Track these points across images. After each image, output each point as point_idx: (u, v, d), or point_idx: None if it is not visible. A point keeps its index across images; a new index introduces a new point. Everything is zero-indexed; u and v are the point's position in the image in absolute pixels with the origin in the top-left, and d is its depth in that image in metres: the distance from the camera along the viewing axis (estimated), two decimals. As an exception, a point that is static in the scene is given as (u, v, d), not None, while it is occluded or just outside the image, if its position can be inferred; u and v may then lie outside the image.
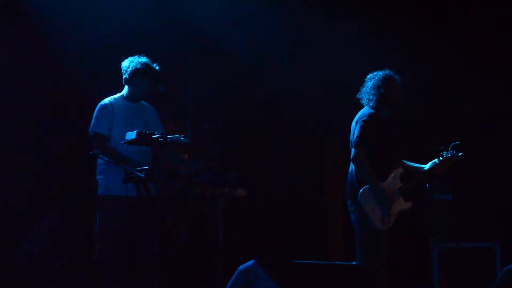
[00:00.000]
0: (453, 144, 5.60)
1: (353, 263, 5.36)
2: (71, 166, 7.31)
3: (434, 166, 5.69)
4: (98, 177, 5.42)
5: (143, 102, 5.59)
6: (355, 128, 5.58)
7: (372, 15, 7.40)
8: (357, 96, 5.77)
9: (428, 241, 6.96)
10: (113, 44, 7.03)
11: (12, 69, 7.16)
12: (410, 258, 7.31)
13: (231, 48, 7.38)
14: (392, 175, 5.60)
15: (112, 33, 7.10)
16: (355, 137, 5.53)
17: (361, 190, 5.50)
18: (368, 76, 5.77)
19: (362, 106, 5.77)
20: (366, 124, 5.52)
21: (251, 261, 4.12)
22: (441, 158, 5.65)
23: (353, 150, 5.53)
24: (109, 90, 5.70)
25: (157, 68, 5.48)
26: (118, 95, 5.54)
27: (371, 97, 5.66)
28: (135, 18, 7.15)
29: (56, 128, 7.37)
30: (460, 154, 5.61)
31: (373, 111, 5.61)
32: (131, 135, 4.91)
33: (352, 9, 7.39)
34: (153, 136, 4.93)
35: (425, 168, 5.72)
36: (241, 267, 4.15)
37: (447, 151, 5.66)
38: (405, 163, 5.76)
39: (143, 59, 5.46)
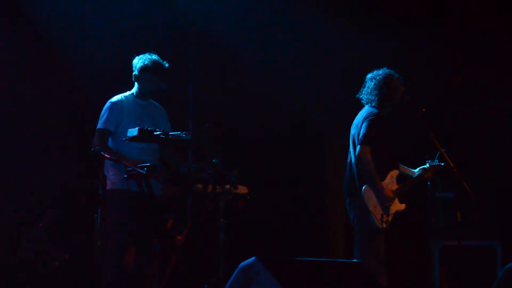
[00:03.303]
0: (439, 152, 5.66)
1: (353, 260, 5.38)
2: (71, 164, 7.31)
3: (423, 172, 5.79)
4: (107, 173, 5.43)
5: (153, 101, 5.61)
6: (360, 126, 5.59)
7: (373, 15, 7.41)
8: (358, 96, 5.79)
9: (429, 239, 6.97)
10: (114, 43, 7.04)
11: (13, 68, 7.16)
12: (411, 256, 7.33)
13: (233, 46, 7.38)
14: (390, 176, 5.63)
15: (113, 32, 7.10)
16: (361, 134, 5.53)
17: (364, 187, 5.50)
18: (368, 76, 5.78)
19: (363, 105, 5.79)
20: (373, 123, 5.55)
21: (252, 258, 4.12)
22: (427, 165, 5.76)
23: (358, 147, 5.53)
24: (110, 89, 5.70)
25: (166, 65, 5.49)
26: (128, 93, 5.56)
27: (373, 97, 5.67)
28: (137, 16, 7.15)
29: (56, 127, 7.37)
30: (442, 164, 5.70)
31: (377, 110, 5.63)
32: (133, 131, 4.92)
33: (353, 9, 7.39)
34: (154, 133, 4.94)
35: (416, 174, 5.78)
36: (242, 264, 4.15)
37: (432, 159, 5.74)
38: (400, 165, 5.81)
39: (153, 56, 5.49)
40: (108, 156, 5.10)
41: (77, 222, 7.28)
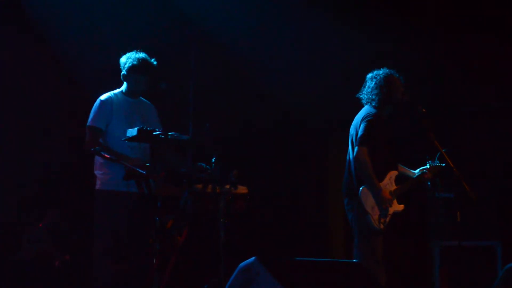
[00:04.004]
0: (439, 153, 5.65)
1: (353, 260, 5.38)
2: (71, 164, 7.32)
3: (423, 172, 5.77)
4: (97, 172, 5.42)
5: (142, 98, 5.59)
6: (358, 126, 5.58)
7: (373, 15, 7.41)
8: (358, 95, 5.78)
9: (429, 239, 6.97)
10: (114, 42, 7.03)
11: (12, 68, 7.16)
12: (411, 256, 7.33)
13: (234, 46, 7.38)
14: (389, 177, 5.63)
15: (113, 31, 7.10)
16: (359, 135, 5.53)
17: (362, 188, 5.50)
18: (369, 76, 5.78)
19: (363, 105, 5.79)
20: (371, 123, 5.53)
21: (252, 258, 4.12)
22: (428, 166, 5.75)
23: (356, 148, 5.52)
24: (111, 89, 5.70)
25: (155, 63, 5.47)
26: (117, 90, 5.54)
27: (373, 97, 5.67)
28: (137, 15, 7.15)
29: (57, 126, 7.38)
30: (443, 164, 5.69)
31: (376, 110, 5.62)
32: (132, 132, 4.90)
33: (354, 8, 7.39)
34: (154, 133, 4.93)
35: (416, 175, 5.78)
36: (242, 264, 4.15)
37: (432, 160, 5.73)
38: (399, 165, 5.80)
39: (141, 55, 5.45)
40: (108, 156, 5.08)
41: (77, 222, 7.28)
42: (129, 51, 5.61)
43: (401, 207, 5.64)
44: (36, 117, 7.33)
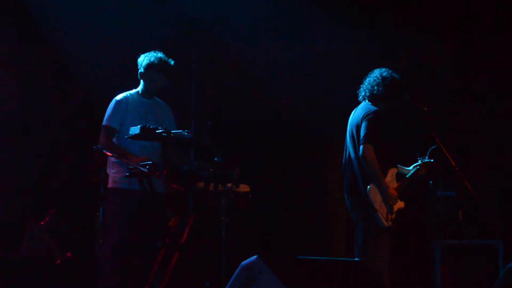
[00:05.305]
0: (431, 149, 5.66)
1: (355, 259, 5.37)
2: (73, 162, 7.33)
3: (417, 169, 5.76)
4: (109, 170, 5.44)
5: (158, 99, 5.62)
6: (360, 124, 5.56)
7: (373, 15, 7.41)
8: (357, 92, 5.77)
9: (430, 238, 6.97)
10: (118, 42, 7.04)
11: (13, 66, 7.17)
12: (413, 255, 7.33)
13: (235, 45, 7.39)
14: (391, 174, 5.63)
15: (116, 30, 7.11)
16: (363, 134, 5.49)
17: (369, 186, 5.49)
18: (369, 73, 5.78)
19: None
20: (373, 121, 5.51)
21: (254, 257, 4.12)
22: (420, 162, 5.76)
23: (361, 147, 5.49)
24: (114, 88, 5.70)
25: (172, 63, 5.50)
26: (133, 91, 5.56)
27: (372, 94, 5.66)
28: (139, 14, 7.16)
29: (59, 125, 7.39)
30: (431, 160, 5.71)
31: (376, 108, 5.61)
32: (135, 129, 4.92)
33: (354, 9, 7.40)
34: (156, 131, 4.94)
35: (410, 172, 5.76)
36: (244, 262, 4.15)
37: (422, 156, 5.75)
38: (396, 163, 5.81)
39: (159, 54, 5.49)
40: (110, 154, 5.10)
41: (78, 220, 7.29)
42: (130, 49, 5.64)
43: (402, 204, 5.63)
44: (38, 117, 7.34)
